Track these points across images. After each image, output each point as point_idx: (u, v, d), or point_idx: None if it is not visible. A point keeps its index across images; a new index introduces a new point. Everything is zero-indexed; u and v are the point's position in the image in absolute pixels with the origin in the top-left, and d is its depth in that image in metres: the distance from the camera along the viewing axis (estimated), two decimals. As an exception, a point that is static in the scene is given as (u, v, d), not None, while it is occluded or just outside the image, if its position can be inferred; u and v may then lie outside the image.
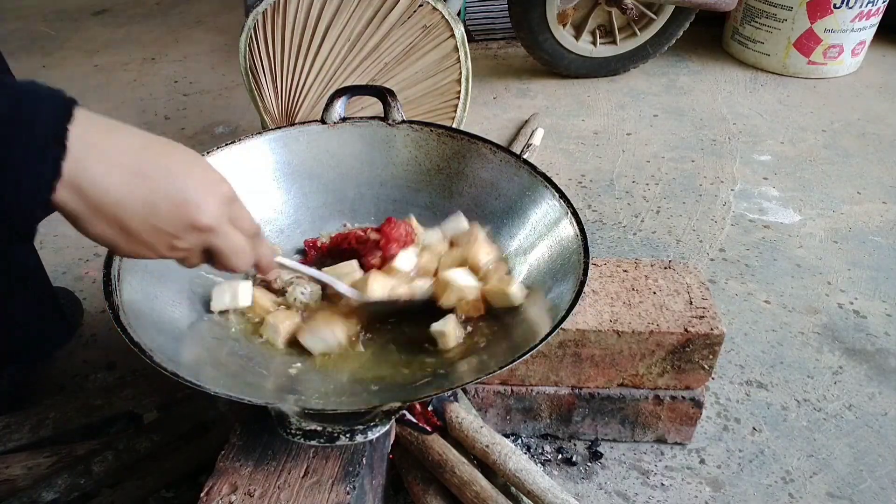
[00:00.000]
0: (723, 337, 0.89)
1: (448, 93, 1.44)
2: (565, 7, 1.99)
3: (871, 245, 1.46)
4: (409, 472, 0.88)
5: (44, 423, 0.92)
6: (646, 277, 0.97)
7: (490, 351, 0.76)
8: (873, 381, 1.13)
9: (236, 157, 0.90)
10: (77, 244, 1.45)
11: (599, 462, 0.99)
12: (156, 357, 0.63)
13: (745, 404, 1.09)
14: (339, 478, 0.68)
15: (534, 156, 1.73)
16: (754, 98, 2.07)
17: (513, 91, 2.11)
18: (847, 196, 1.62)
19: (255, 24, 1.36)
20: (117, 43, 2.47)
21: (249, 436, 0.73)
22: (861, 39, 2.12)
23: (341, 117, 0.95)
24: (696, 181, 1.67)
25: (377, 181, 0.97)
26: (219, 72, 2.25)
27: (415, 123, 0.95)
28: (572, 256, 0.78)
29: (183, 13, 2.76)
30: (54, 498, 0.83)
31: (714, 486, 0.96)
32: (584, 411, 0.98)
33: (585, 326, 0.89)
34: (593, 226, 1.50)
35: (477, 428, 0.86)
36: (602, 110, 2.00)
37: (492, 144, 0.92)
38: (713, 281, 1.35)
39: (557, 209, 0.84)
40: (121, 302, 0.69)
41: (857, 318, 1.26)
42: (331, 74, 1.36)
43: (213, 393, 0.61)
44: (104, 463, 0.86)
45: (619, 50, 2.12)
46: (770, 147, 1.82)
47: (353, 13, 1.37)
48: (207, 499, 0.66)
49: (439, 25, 1.39)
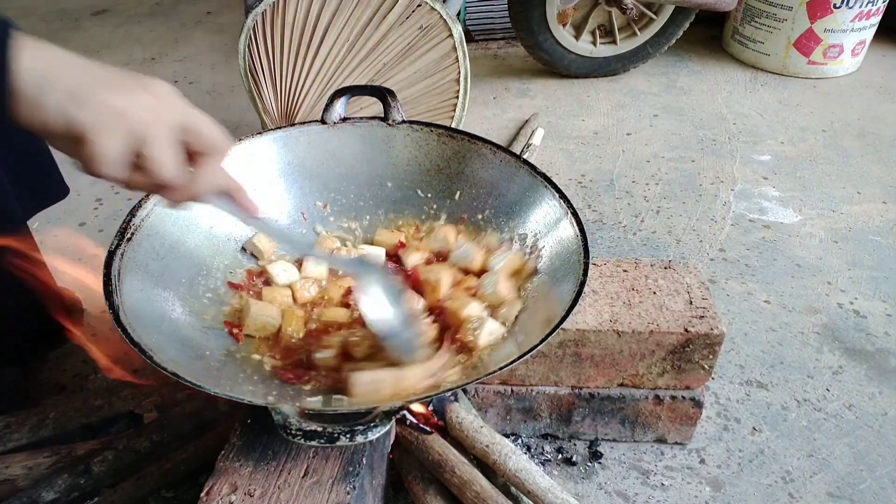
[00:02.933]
0: (723, 337, 0.89)
1: (447, 92, 1.44)
2: (565, 7, 1.99)
3: (870, 245, 1.46)
4: (409, 472, 0.88)
5: (44, 423, 0.92)
6: (646, 277, 0.97)
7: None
8: (873, 381, 1.13)
9: (236, 157, 0.90)
10: (77, 244, 1.45)
11: (599, 462, 0.99)
12: (156, 357, 0.63)
13: (745, 404, 1.09)
14: (339, 478, 0.68)
15: (534, 156, 1.73)
16: (754, 98, 2.07)
17: (513, 91, 2.11)
18: (847, 196, 1.62)
19: (254, 24, 1.36)
20: (117, 43, 2.47)
21: (249, 436, 0.73)
22: (861, 39, 2.12)
23: (341, 117, 0.95)
24: (696, 181, 1.67)
25: (377, 181, 0.97)
26: (219, 72, 2.25)
27: (415, 123, 0.95)
28: (572, 256, 0.78)
29: (183, 13, 2.76)
30: (54, 498, 0.83)
31: (714, 486, 0.96)
32: (584, 411, 0.98)
33: (585, 326, 0.89)
34: (593, 226, 1.50)
35: (477, 428, 0.86)
36: (602, 110, 2.00)
37: (492, 144, 0.92)
38: (713, 281, 1.35)
39: (557, 209, 0.84)
40: (121, 302, 0.69)
41: (857, 318, 1.26)
42: (330, 74, 1.36)
43: (212, 393, 0.61)
44: (104, 463, 0.86)
45: (619, 50, 2.12)
46: (770, 147, 1.82)
47: (352, 14, 1.37)
48: (207, 499, 0.66)
49: (437, 25, 1.39)
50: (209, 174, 0.59)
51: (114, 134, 0.49)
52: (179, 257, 0.81)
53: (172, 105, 0.54)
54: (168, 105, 0.53)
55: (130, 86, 0.51)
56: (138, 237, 0.76)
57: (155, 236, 0.78)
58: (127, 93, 0.50)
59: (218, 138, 0.58)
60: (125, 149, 0.50)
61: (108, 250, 0.73)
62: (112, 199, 1.60)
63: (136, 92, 0.51)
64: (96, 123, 0.48)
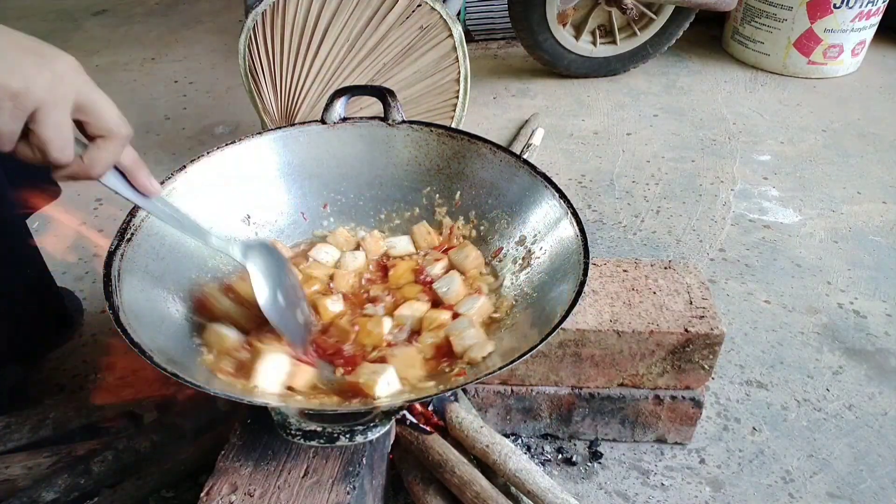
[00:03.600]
0: (723, 337, 0.89)
1: (447, 92, 1.44)
2: (565, 7, 1.99)
3: (870, 245, 1.46)
4: (409, 472, 0.88)
5: (44, 423, 0.92)
6: (646, 277, 0.97)
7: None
8: (873, 381, 1.13)
9: (236, 157, 0.90)
10: (77, 244, 1.45)
11: (599, 462, 0.99)
12: (156, 357, 0.63)
13: (745, 404, 1.09)
14: (339, 478, 0.68)
15: (534, 156, 1.73)
16: (754, 98, 2.07)
17: (513, 91, 2.11)
18: (847, 196, 1.62)
19: (254, 24, 1.36)
20: (117, 43, 2.47)
21: (249, 436, 0.73)
22: (861, 39, 2.12)
23: (341, 117, 0.95)
24: (696, 181, 1.67)
25: (377, 181, 0.97)
26: (219, 72, 2.25)
27: (415, 123, 0.95)
28: (572, 256, 0.78)
29: (183, 13, 2.76)
30: (54, 498, 0.83)
31: (714, 486, 0.96)
32: (584, 411, 0.98)
33: (585, 326, 0.89)
34: (593, 226, 1.50)
35: (477, 428, 0.86)
36: (602, 110, 2.00)
37: (492, 144, 0.92)
38: (713, 281, 1.35)
39: (557, 209, 0.84)
40: (121, 302, 0.69)
41: (857, 318, 1.26)
42: (330, 74, 1.36)
43: (212, 393, 0.61)
44: (104, 463, 0.86)
45: (619, 50, 2.12)
46: (770, 147, 1.82)
47: (352, 14, 1.37)
48: (207, 499, 0.66)
49: (437, 25, 1.39)
50: (101, 156, 0.60)
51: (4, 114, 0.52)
52: (179, 257, 0.81)
53: (70, 84, 0.55)
54: (65, 84, 0.55)
55: (30, 62, 0.53)
56: (138, 237, 0.76)
57: (155, 236, 0.78)
58: (25, 71, 0.52)
59: (113, 122, 0.59)
60: (14, 127, 0.53)
61: (108, 250, 0.73)
62: (112, 199, 1.60)
63: (36, 70, 0.53)
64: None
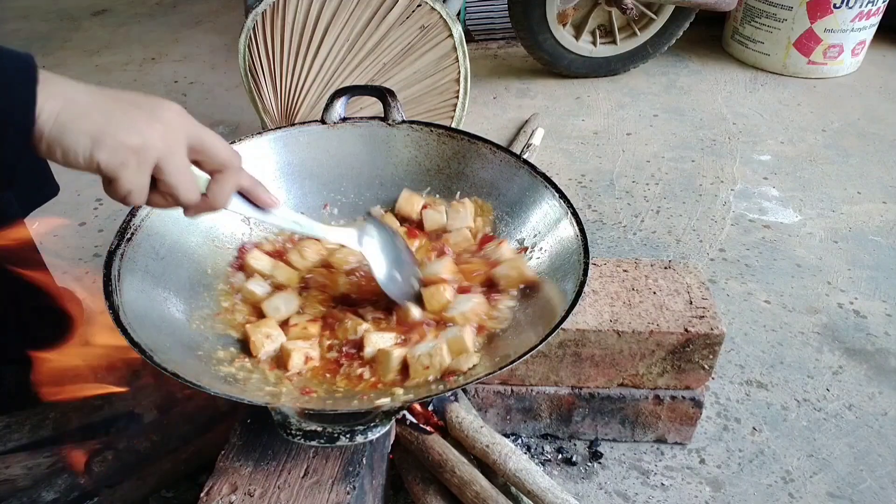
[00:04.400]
0: (723, 337, 0.89)
1: (447, 92, 1.44)
2: (565, 7, 1.99)
3: (870, 245, 1.46)
4: (409, 472, 0.88)
5: (44, 423, 0.92)
6: (646, 277, 0.97)
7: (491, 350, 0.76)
8: (873, 381, 1.13)
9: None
10: (77, 244, 1.45)
11: (599, 462, 0.99)
12: (156, 357, 0.63)
13: (745, 404, 1.09)
14: (339, 478, 0.68)
15: (534, 156, 1.73)
16: (754, 98, 2.07)
17: (513, 91, 2.11)
18: (847, 196, 1.62)
19: (254, 24, 1.36)
20: (117, 43, 2.47)
21: (249, 436, 0.73)
22: (861, 39, 2.12)
23: (341, 117, 0.95)
24: (696, 181, 1.67)
25: (377, 181, 0.97)
26: (219, 72, 2.25)
27: (415, 123, 0.95)
28: (572, 256, 0.78)
29: (183, 13, 2.76)
30: (54, 498, 0.83)
31: (714, 486, 0.96)
32: (584, 411, 0.98)
33: (585, 326, 0.89)
34: (593, 226, 1.50)
35: (477, 428, 0.86)
36: (602, 110, 2.00)
37: (492, 144, 0.92)
38: (713, 281, 1.35)
39: (557, 209, 0.84)
40: (121, 302, 0.69)
41: (857, 318, 1.26)
42: (330, 74, 1.36)
43: (212, 393, 0.61)
44: (104, 463, 0.86)
45: (619, 50, 2.12)
46: (770, 147, 1.82)
47: (352, 14, 1.37)
48: (207, 499, 0.66)
49: (437, 25, 1.39)
50: (223, 189, 0.63)
51: (132, 170, 0.55)
52: (179, 257, 0.81)
53: (180, 130, 0.58)
54: (177, 131, 0.58)
55: (142, 118, 0.55)
56: (138, 237, 0.76)
57: (155, 236, 0.78)
58: (139, 128, 0.54)
59: (225, 155, 0.62)
60: (144, 181, 0.57)
61: (109, 250, 0.73)
62: (112, 199, 1.60)
63: (148, 124, 0.55)
64: (116, 163, 0.54)
